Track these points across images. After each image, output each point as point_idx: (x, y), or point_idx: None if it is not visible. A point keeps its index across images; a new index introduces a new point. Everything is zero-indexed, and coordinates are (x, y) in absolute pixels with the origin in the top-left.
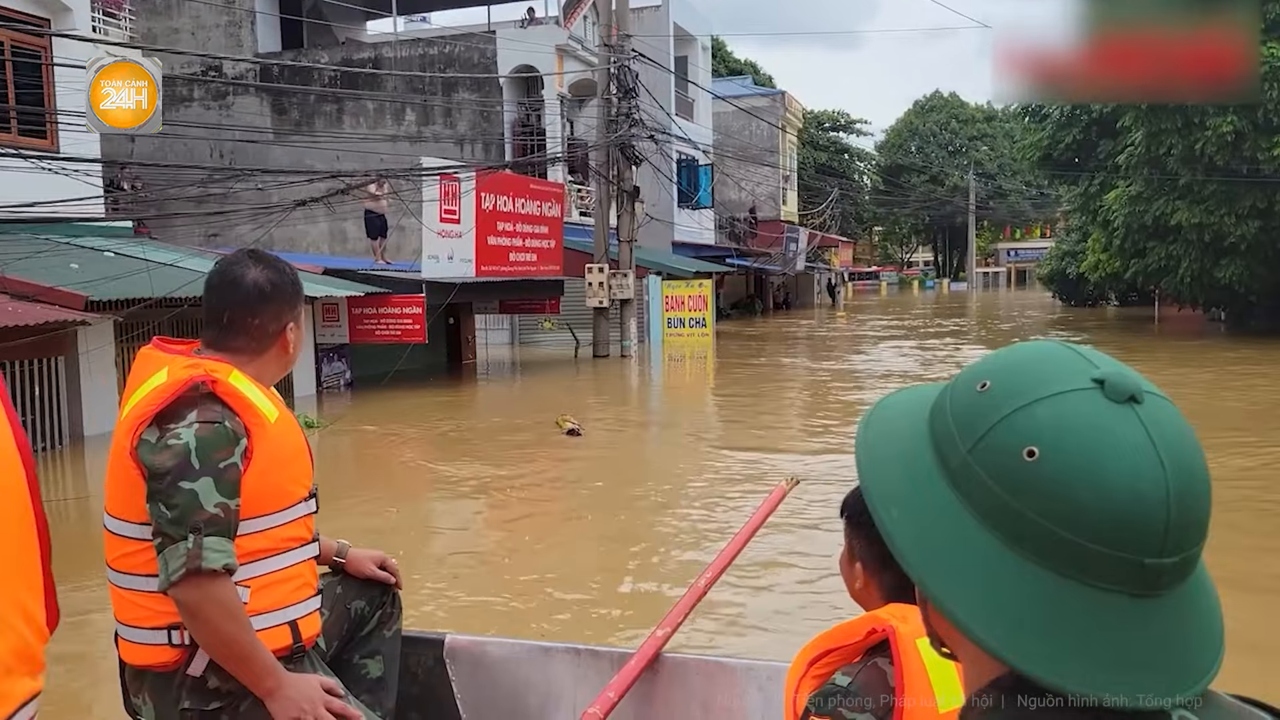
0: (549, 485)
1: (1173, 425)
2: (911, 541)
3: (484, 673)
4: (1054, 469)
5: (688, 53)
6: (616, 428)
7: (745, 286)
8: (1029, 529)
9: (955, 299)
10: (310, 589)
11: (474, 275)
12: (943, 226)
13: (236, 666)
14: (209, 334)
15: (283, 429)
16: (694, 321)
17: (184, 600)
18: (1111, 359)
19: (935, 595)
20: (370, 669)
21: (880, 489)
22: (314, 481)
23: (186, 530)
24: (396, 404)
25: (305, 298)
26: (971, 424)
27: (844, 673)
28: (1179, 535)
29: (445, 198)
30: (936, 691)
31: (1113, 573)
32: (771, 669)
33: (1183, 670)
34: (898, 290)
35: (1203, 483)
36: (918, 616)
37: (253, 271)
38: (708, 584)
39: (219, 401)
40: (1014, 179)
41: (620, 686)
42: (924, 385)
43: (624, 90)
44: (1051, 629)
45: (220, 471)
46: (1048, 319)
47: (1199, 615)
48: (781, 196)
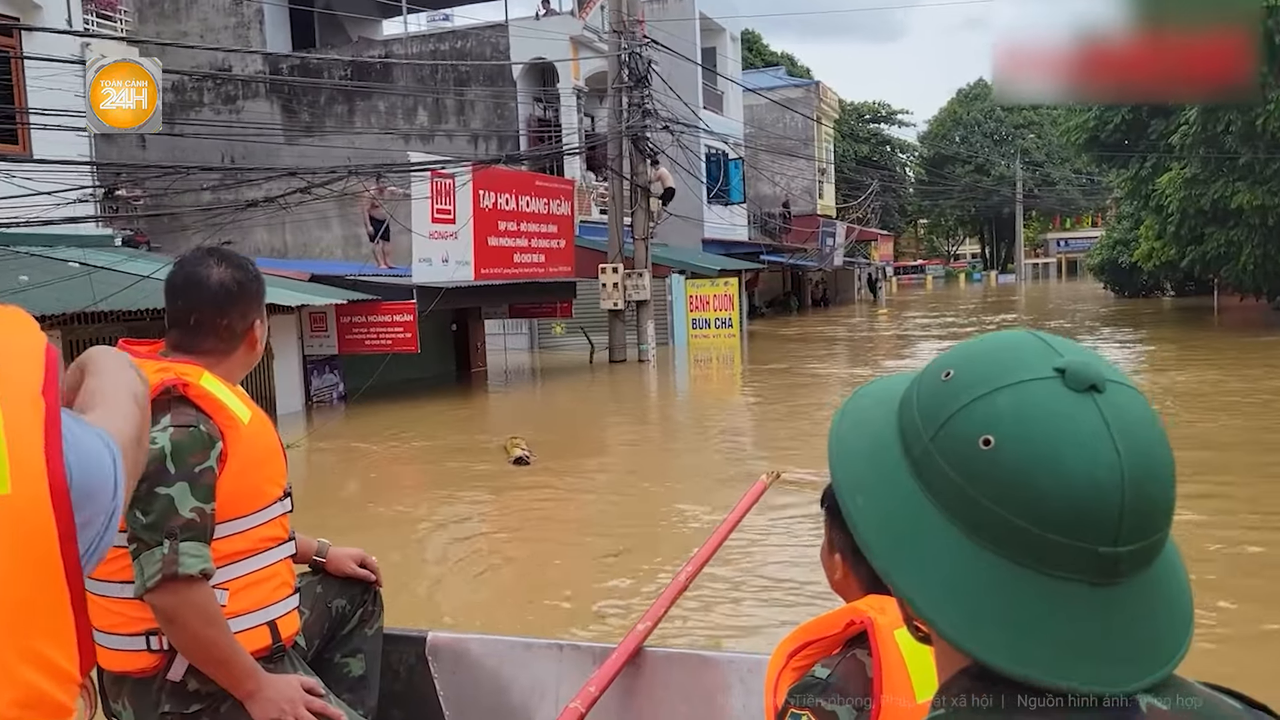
0: (484, 540)
1: (1133, 415)
2: (875, 530)
3: (466, 670)
4: (1009, 457)
5: (716, 44)
6: (606, 453)
7: (781, 284)
8: (986, 518)
9: (1003, 292)
10: (289, 588)
11: (473, 279)
12: (989, 217)
13: (215, 670)
14: (175, 336)
15: (256, 429)
16: (720, 322)
17: (161, 606)
18: (1080, 347)
19: (897, 584)
20: (352, 667)
21: (848, 478)
22: (288, 480)
23: (162, 536)
24: (386, 418)
25: (291, 308)
26: (933, 413)
27: (823, 665)
28: (1136, 523)
29: (437, 196)
30: (914, 682)
31: (1070, 561)
32: (753, 662)
33: (1146, 657)
34: (944, 284)
35: (1162, 472)
36: (896, 608)
37: (217, 271)
38: (688, 578)
39: (192, 405)
40: (1062, 167)
41: (602, 681)
42: (899, 374)
43: (636, 79)
44: (1011, 618)
45: (196, 476)
46: (1099, 312)
47: (1164, 601)
48: (818, 190)
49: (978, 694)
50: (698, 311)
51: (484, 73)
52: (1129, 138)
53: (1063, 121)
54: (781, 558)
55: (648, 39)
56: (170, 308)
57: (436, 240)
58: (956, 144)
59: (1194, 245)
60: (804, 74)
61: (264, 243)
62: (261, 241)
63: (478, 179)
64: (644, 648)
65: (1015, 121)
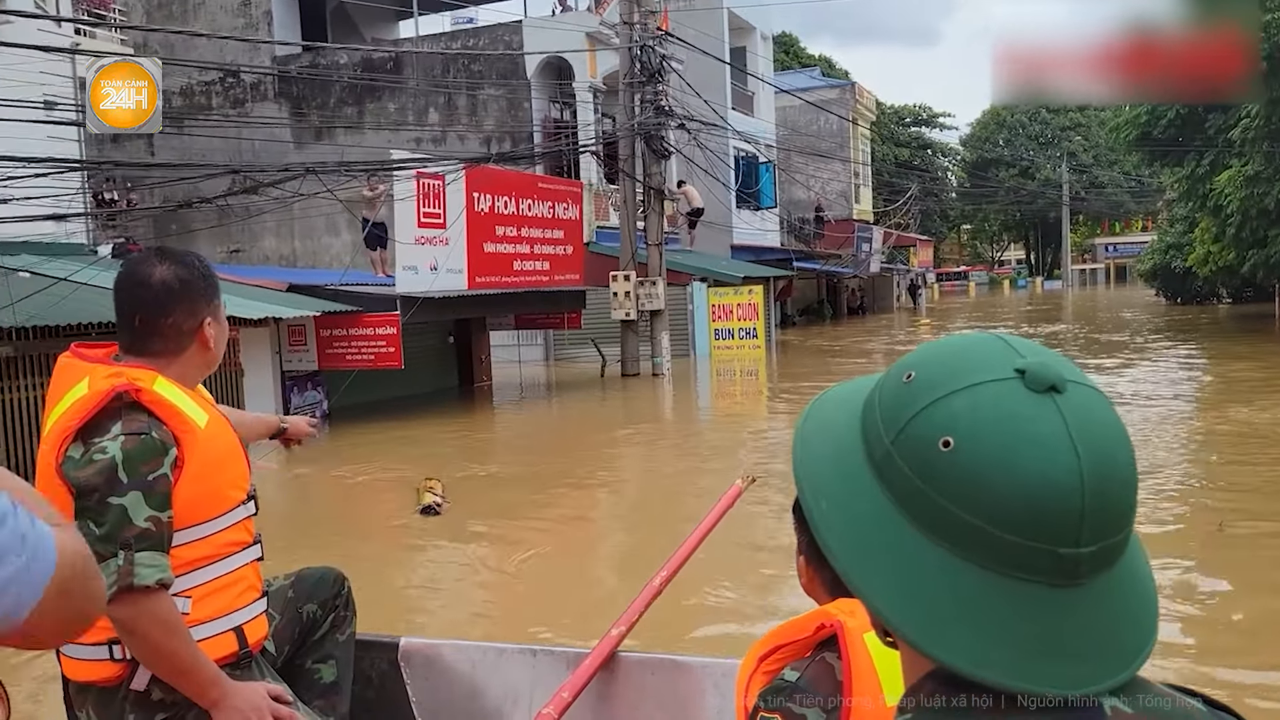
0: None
1: (1094, 415)
2: (837, 534)
3: (439, 675)
4: (968, 459)
5: (746, 43)
6: (566, 496)
7: (816, 291)
8: (946, 520)
9: (1050, 299)
10: (255, 591)
11: (466, 288)
12: (1034, 222)
13: (179, 680)
14: (123, 339)
15: (213, 432)
16: (744, 332)
17: (118, 618)
18: (1042, 348)
19: (858, 587)
20: (323, 674)
21: (811, 481)
22: (252, 483)
23: (117, 547)
24: (364, 440)
25: (254, 320)
26: (894, 415)
27: (792, 668)
28: (1096, 524)
29: (424, 198)
30: (883, 684)
31: (1030, 563)
32: (726, 666)
33: (1110, 658)
34: (987, 290)
35: (1124, 472)
36: (864, 611)
37: (159, 269)
38: (663, 583)
39: (144, 411)
40: (1111, 169)
41: (575, 686)
42: (864, 377)
43: (649, 73)
44: (972, 620)
45: (149, 484)
46: (1151, 321)
47: (1126, 601)
48: (854, 194)
49: (945, 695)
50: (720, 321)
51: (497, 71)
52: (1183, 133)
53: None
54: (756, 560)
55: (662, 31)
56: (117, 310)
57: (424, 246)
58: (1000, 147)
59: (1256, 249)
60: (842, 77)
61: (273, 250)
62: (270, 249)
63: (470, 180)
64: (618, 653)
65: (1061, 123)
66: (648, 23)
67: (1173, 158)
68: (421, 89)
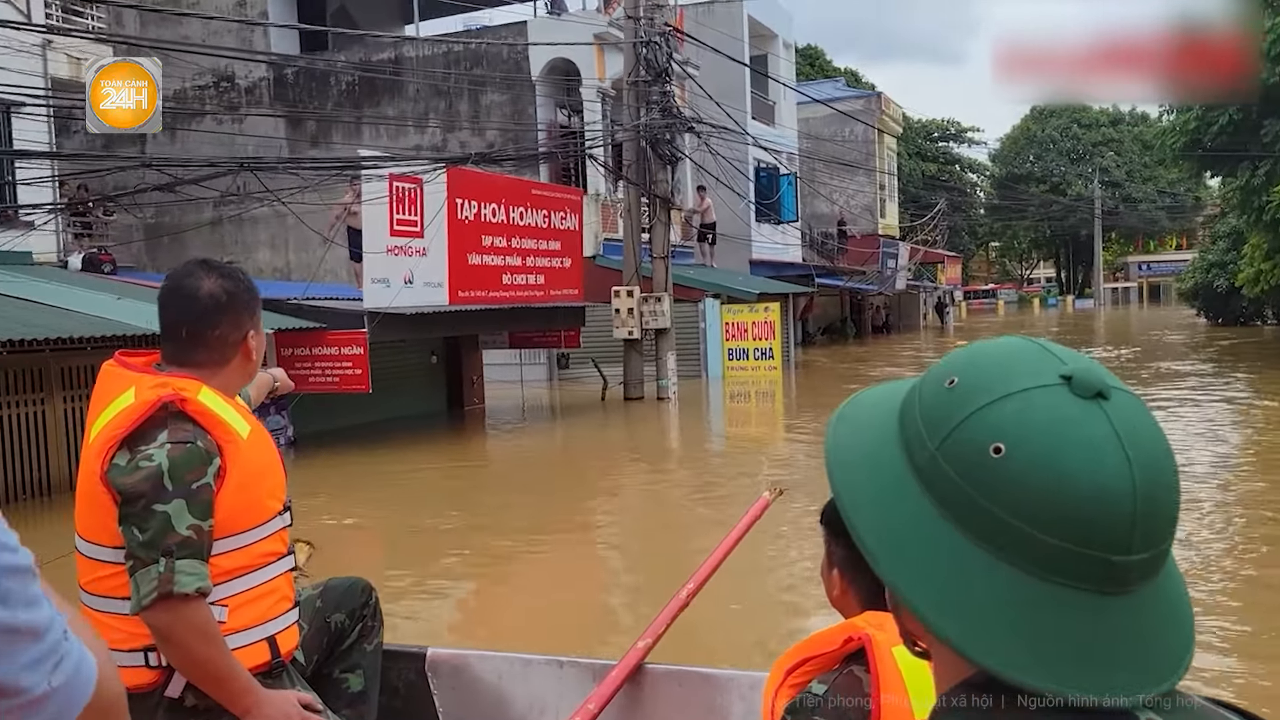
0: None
1: (1140, 422)
2: (878, 539)
3: (466, 686)
4: (1020, 465)
5: (767, 51)
6: (538, 575)
7: (840, 308)
8: (995, 526)
9: (1082, 318)
10: (288, 602)
11: (447, 303)
12: (1066, 239)
13: (213, 687)
14: (168, 349)
15: (255, 443)
16: (760, 352)
17: (156, 625)
18: (1080, 355)
19: (902, 593)
20: (351, 683)
21: (848, 487)
22: (288, 494)
23: (158, 554)
24: (324, 473)
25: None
26: (938, 420)
27: (820, 681)
28: (1147, 532)
29: (398, 204)
30: (912, 697)
31: (1080, 570)
32: (752, 679)
33: (1151, 668)
34: (1016, 309)
35: (1170, 479)
36: (894, 624)
37: (207, 282)
38: (690, 595)
39: (189, 420)
40: (1145, 185)
41: (601, 698)
42: (895, 382)
43: (655, 72)
44: (1018, 626)
45: (193, 493)
46: (1192, 343)
47: (1168, 612)
48: (879, 208)
49: (983, 700)
50: (734, 340)
51: (501, 74)
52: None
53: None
54: (783, 573)
55: (670, 27)
56: (162, 320)
57: (397, 257)
58: (1030, 163)
59: None
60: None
61: (266, 262)
62: (264, 261)
63: (453, 184)
64: (644, 664)
65: (1093, 139)
66: (654, 17)
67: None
68: (421, 94)
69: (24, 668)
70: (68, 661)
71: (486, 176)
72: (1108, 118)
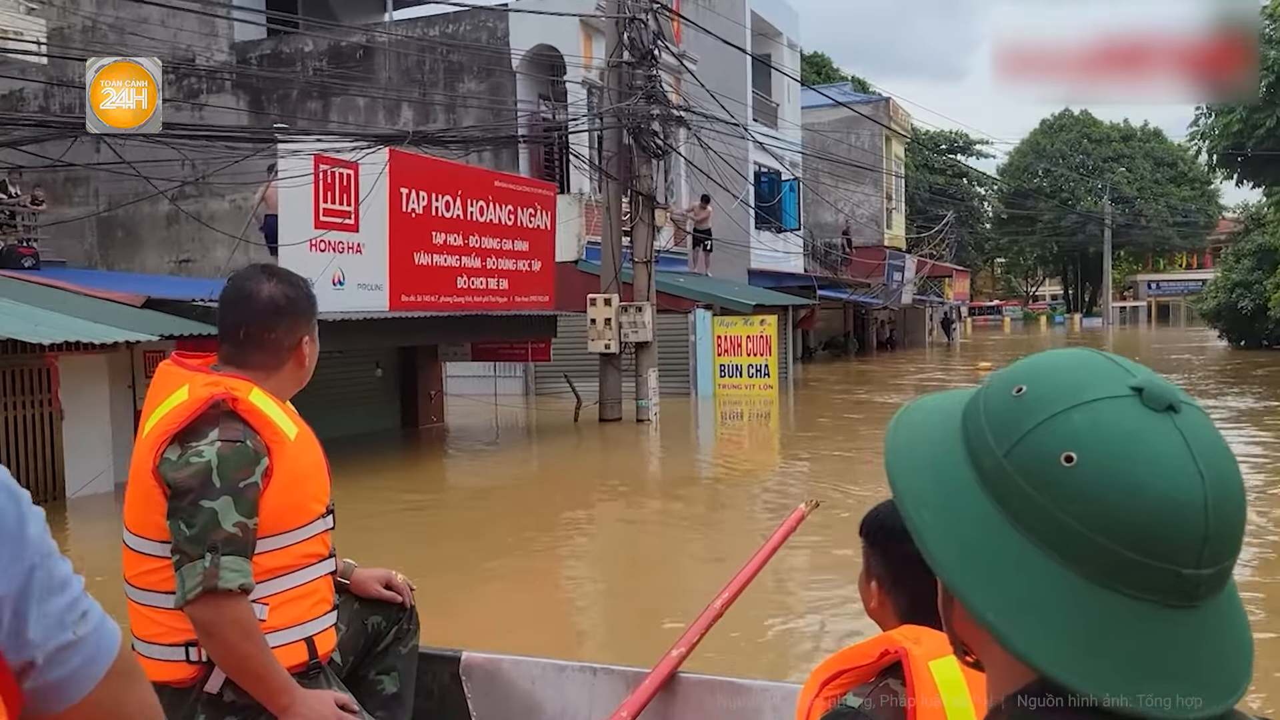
0: None
1: (1209, 436)
2: (943, 544)
3: (499, 690)
4: (1092, 475)
5: (770, 51)
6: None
7: (843, 322)
8: (1063, 534)
9: (1089, 337)
10: (327, 604)
11: (387, 308)
12: (1073, 256)
13: (251, 684)
14: (225, 350)
15: (302, 446)
16: (754, 370)
17: (199, 619)
18: (1147, 368)
19: (967, 598)
20: (386, 685)
21: (911, 491)
22: (331, 497)
23: (204, 549)
24: None
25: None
26: (1007, 428)
27: (855, 694)
28: (1216, 546)
29: (325, 190)
30: (948, 714)
31: (1149, 582)
32: (787, 690)
33: (1213, 684)
34: (1022, 326)
35: (1239, 494)
36: (931, 638)
37: (267, 286)
38: (724, 605)
39: (240, 419)
40: (1156, 202)
41: (635, 706)
42: (954, 390)
43: (639, 54)
44: (1084, 635)
45: (240, 491)
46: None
47: (1231, 629)
48: (885, 219)
49: (1040, 706)
50: (727, 356)
51: (479, 63)
52: None
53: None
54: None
55: (658, 3)
56: (221, 321)
57: (323, 253)
58: (1039, 177)
59: None
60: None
61: (225, 260)
62: (222, 259)
63: (396, 171)
64: (678, 673)
65: (1104, 154)
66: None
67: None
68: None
69: (55, 615)
70: (92, 615)
71: (439, 164)
72: (1119, 133)
